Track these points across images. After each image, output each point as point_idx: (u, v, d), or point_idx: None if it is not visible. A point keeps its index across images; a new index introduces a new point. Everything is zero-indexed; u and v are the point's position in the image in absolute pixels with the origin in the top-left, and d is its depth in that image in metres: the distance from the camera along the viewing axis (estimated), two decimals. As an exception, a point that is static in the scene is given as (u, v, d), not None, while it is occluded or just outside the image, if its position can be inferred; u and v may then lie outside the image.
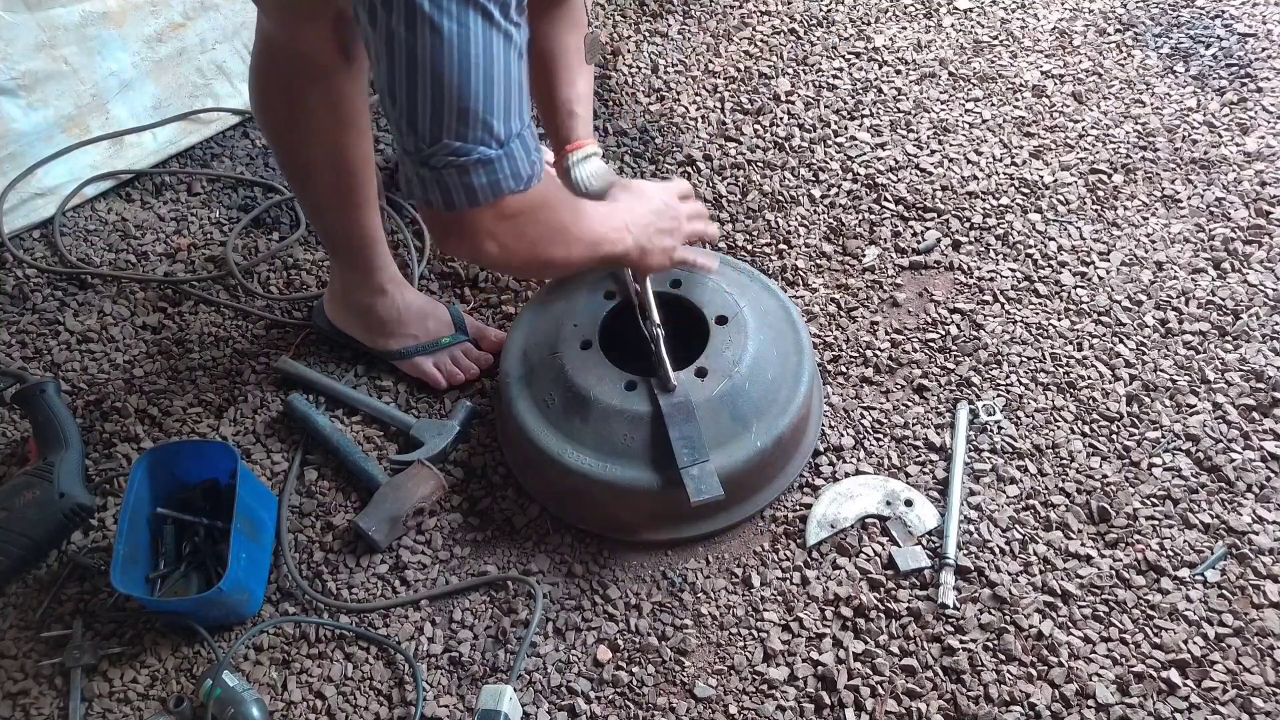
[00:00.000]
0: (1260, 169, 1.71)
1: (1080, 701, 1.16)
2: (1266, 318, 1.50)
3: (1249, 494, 1.32)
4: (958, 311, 1.56)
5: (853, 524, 1.33)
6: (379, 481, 1.39)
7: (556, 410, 1.33)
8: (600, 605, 1.29)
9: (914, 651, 1.21)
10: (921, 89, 1.93)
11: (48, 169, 1.80)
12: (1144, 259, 1.60)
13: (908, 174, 1.77)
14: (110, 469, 1.46)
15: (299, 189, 1.43)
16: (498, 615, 1.28)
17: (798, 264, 1.65)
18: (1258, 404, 1.40)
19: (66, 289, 1.71)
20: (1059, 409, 1.43)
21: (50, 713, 1.23)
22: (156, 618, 1.30)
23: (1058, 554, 1.28)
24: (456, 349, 1.54)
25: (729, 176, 1.80)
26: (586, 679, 1.23)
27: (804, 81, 1.97)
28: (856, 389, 1.48)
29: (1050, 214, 1.69)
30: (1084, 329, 1.52)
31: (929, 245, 1.66)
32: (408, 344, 1.52)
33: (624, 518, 1.33)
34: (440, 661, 1.25)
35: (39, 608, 1.32)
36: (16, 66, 1.69)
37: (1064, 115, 1.85)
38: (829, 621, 1.25)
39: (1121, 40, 1.99)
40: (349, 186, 1.36)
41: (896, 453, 1.40)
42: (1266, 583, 1.23)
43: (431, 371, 1.52)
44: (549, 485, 1.37)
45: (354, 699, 1.23)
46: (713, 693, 1.21)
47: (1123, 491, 1.33)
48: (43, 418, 1.42)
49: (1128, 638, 1.21)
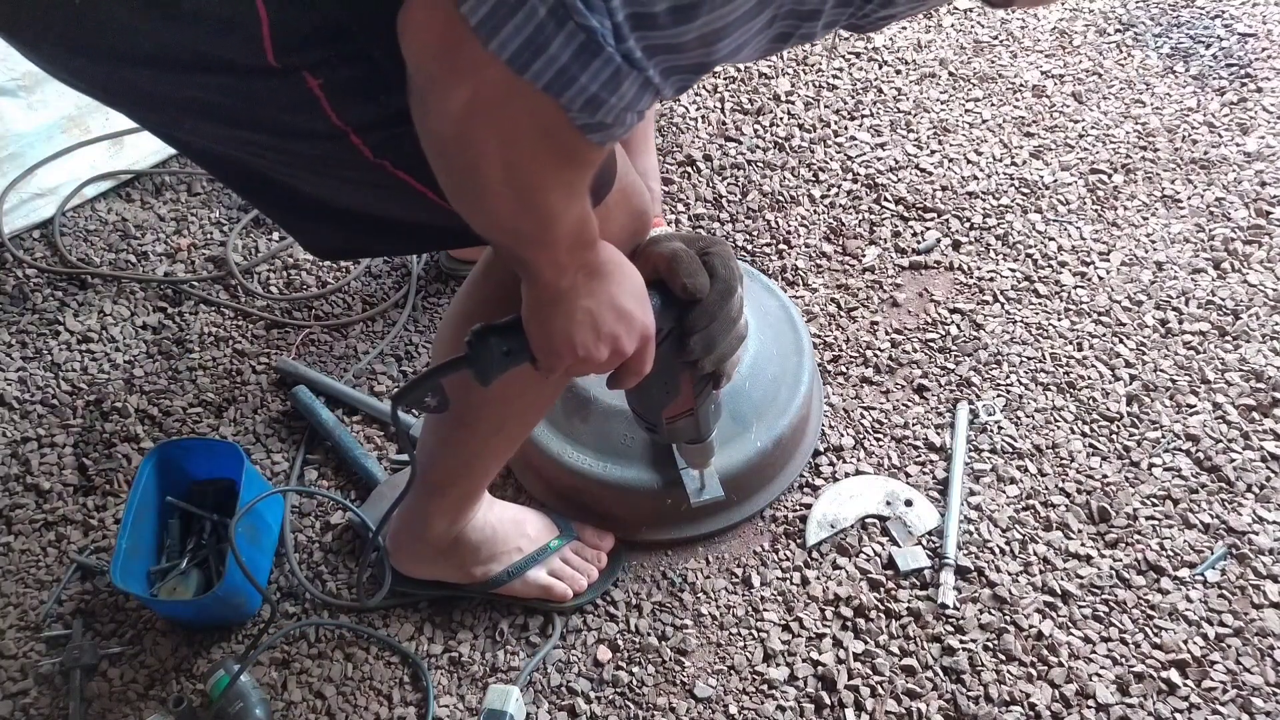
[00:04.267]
0: (1260, 169, 1.71)
1: (1080, 701, 1.16)
2: (1266, 318, 1.50)
3: (1249, 494, 1.32)
4: (958, 311, 1.56)
5: (853, 524, 1.33)
6: (379, 479, 1.39)
7: (556, 410, 1.33)
8: (600, 605, 1.29)
9: (914, 651, 1.21)
10: (921, 89, 1.93)
11: (48, 169, 1.80)
12: (1144, 259, 1.60)
13: (908, 174, 1.77)
14: (110, 469, 1.46)
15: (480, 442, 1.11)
16: (496, 616, 1.28)
17: (798, 264, 1.65)
18: (1258, 404, 1.40)
19: (66, 289, 1.71)
20: (1059, 409, 1.43)
21: (50, 713, 1.23)
22: (157, 618, 1.30)
23: (1058, 554, 1.28)
24: (567, 549, 1.29)
25: (729, 176, 1.80)
26: (586, 679, 1.23)
27: (804, 81, 1.97)
28: (856, 389, 1.48)
29: (1050, 214, 1.69)
30: (1084, 329, 1.52)
31: (929, 245, 1.66)
32: (515, 560, 1.26)
33: (624, 518, 1.33)
34: (440, 661, 1.25)
35: (39, 608, 1.32)
36: (17, 68, 1.68)
37: (1064, 115, 1.85)
38: (829, 621, 1.25)
39: (1121, 40, 1.99)
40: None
41: (896, 453, 1.41)
42: (1266, 583, 1.23)
43: (551, 583, 1.26)
44: (549, 485, 1.37)
45: (354, 699, 1.23)
46: (713, 693, 1.21)
47: (1123, 491, 1.33)
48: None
49: (1128, 638, 1.21)
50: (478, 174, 0.69)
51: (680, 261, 0.98)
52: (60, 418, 1.52)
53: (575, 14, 0.56)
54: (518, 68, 0.59)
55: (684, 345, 1.01)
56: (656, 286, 0.98)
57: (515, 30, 0.58)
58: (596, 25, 0.57)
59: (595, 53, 0.58)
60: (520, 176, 0.69)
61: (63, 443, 1.49)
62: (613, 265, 0.86)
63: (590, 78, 0.60)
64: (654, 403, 1.13)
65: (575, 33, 0.57)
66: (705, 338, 1.01)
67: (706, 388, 1.11)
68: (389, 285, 1.67)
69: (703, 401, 1.13)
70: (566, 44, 0.58)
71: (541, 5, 0.56)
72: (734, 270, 1.02)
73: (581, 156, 0.69)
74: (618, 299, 0.86)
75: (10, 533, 1.40)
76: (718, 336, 1.01)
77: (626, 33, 0.58)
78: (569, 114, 0.62)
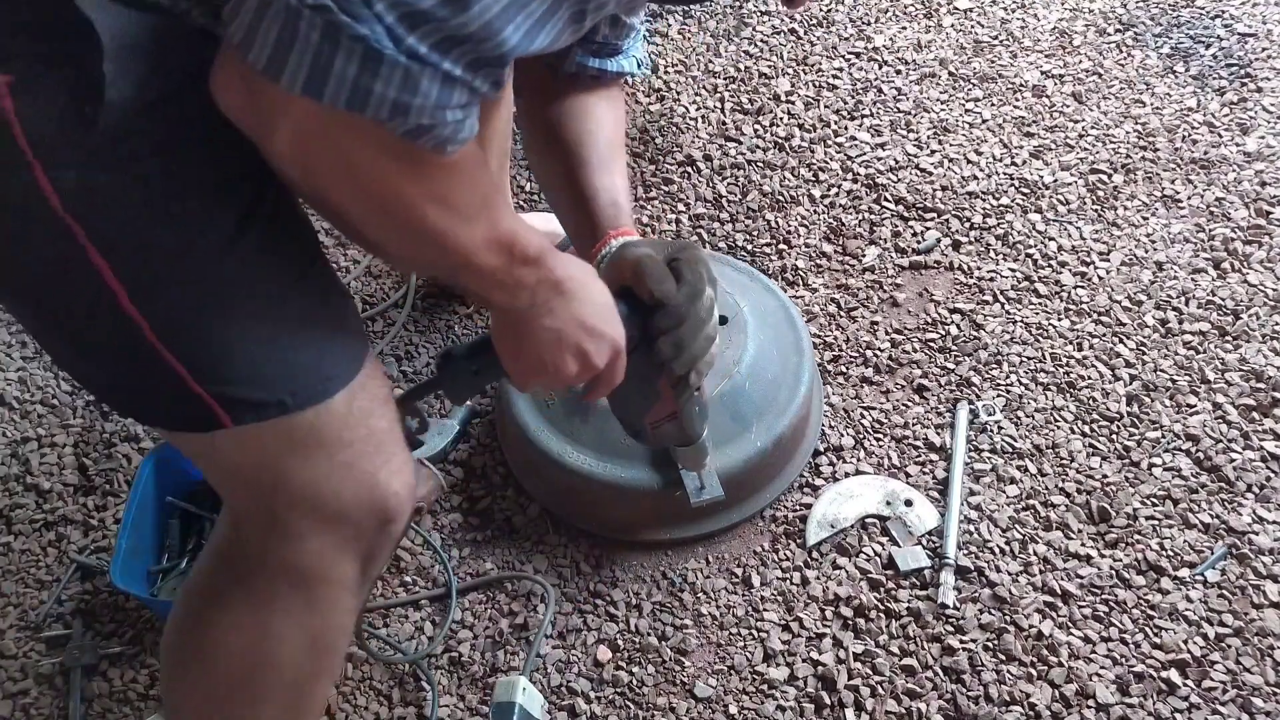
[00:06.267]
0: (1260, 169, 1.71)
1: (1080, 701, 1.16)
2: (1266, 318, 1.50)
3: (1249, 494, 1.32)
4: (958, 311, 1.56)
5: (853, 524, 1.33)
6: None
7: (556, 410, 1.33)
8: (600, 605, 1.29)
9: (914, 651, 1.21)
10: (921, 89, 1.93)
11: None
12: (1144, 259, 1.60)
13: (908, 174, 1.77)
14: (110, 469, 1.46)
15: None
16: (496, 616, 1.29)
17: (798, 264, 1.65)
18: (1258, 404, 1.40)
19: (66, 289, 1.71)
20: (1059, 409, 1.43)
21: (50, 713, 1.23)
22: (157, 618, 1.30)
23: (1058, 554, 1.28)
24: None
25: (729, 176, 1.80)
26: (586, 679, 1.23)
27: (804, 81, 1.97)
28: (856, 389, 1.48)
29: (1050, 214, 1.69)
30: (1084, 329, 1.52)
31: (929, 245, 1.66)
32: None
33: (624, 518, 1.33)
34: (440, 661, 1.25)
35: (39, 608, 1.32)
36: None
37: (1064, 115, 1.85)
38: (829, 621, 1.25)
39: (1121, 40, 1.99)
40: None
41: (896, 453, 1.41)
42: (1266, 583, 1.23)
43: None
44: (549, 485, 1.37)
45: (354, 699, 1.23)
46: (713, 693, 1.21)
47: (1123, 491, 1.33)
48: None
49: (1128, 638, 1.21)
50: (340, 209, 0.70)
51: (646, 268, 0.99)
52: (60, 418, 1.52)
53: (345, 30, 0.58)
54: (314, 95, 0.60)
55: (653, 349, 1.02)
56: (624, 295, 0.99)
57: (298, 62, 0.59)
58: (368, 33, 0.58)
59: (378, 59, 0.59)
60: (378, 200, 0.69)
61: (63, 443, 1.49)
62: (575, 283, 0.86)
63: (384, 85, 0.60)
64: (635, 409, 1.13)
65: (352, 47, 0.58)
66: (674, 340, 1.01)
67: (687, 390, 1.11)
68: (388, 285, 1.67)
69: (684, 404, 1.13)
70: (348, 60, 0.59)
71: (313, 31, 0.58)
72: (701, 274, 1.03)
73: (426, 165, 0.67)
74: (582, 316, 0.87)
75: (10, 533, 1.40)
76: (687, 338, 1.01)
77: (403, 33, 0.59)
78: (386, 125, 0.62)
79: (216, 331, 0.75)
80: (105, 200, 0.68)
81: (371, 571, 0.90)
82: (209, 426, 0.77)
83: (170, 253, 0.72)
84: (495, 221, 0.76)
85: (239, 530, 0.87)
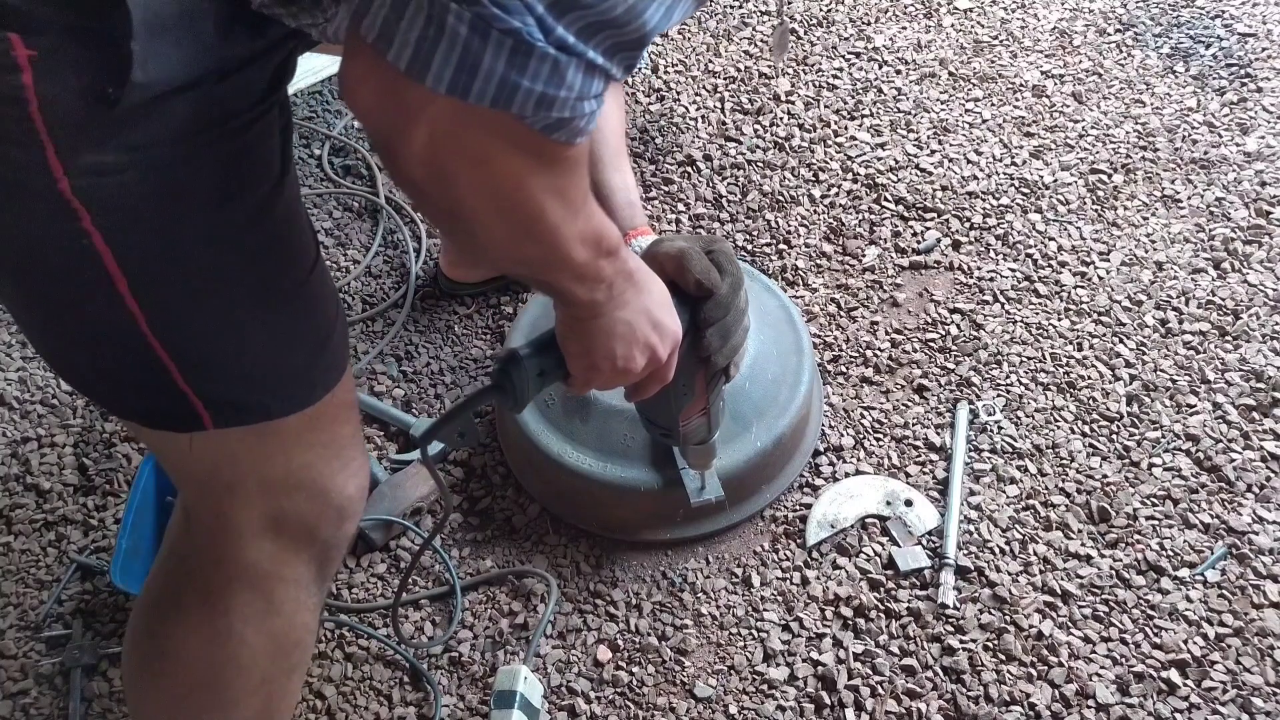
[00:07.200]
0: (1260, 169, 1.71)
1: (1080, 701, 1.16)
2: (1266, 318, 1.50)
3: (1249, 494, 1.32)
4: (958, 311, 1.56)
5: (853, 524, 1.33)
6: (379, 479, 1.39)
7: (556, 410, 1.33)
8: (600, 605, 1.29)
9: (914, 651, 1.21)
10: (921, 89, 1.93)
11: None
12: (1144, 259, 1.60)
13: (908, 174, 1.77)
14: (110, 469, 1.46)
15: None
16: (496, 615, 1.29)
17: (798, 264, 1.65)
18: (1258, 404, 1.41)
19: (66, 289, 1.71)
20: (1059, 409, 1.43)
21: (50, 713, 1.23)
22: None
23: (1058, 554, 1.28)
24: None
25: (729, 176, 1.80)
26: (586, 679, 1.23)
27: (804, 81, 1.97)
28: (856, 389, 1.48)
29: (1050, 214, 1.69)
30: (1084, 329, 1.52)
31: (929, 245, 1.66)
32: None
33: (624, 518, 1.33)
34: (440, 661, 1.25)
35: (39, 608, 1.32)
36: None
37: (1064, 115, 1.85)
38: (829, 621, 1.25)
39: (1121, 40, 1.99)
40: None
41: (896, 453, 1.41)
42: (1266, 583, 1.23)
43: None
44: (549, 485, 1.37)
45: (354, 699, 1.23)
46: (713, 693, 1.21)
47: (1123, 491, 1.33)
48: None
49: (1128, 638, 1.21)
50: (464, 207, 0.67)
51: (690, 259, 0.98)
52: (60, 418, 1.52)
53: (495, 22, 0.55)
54: (460, 94, 0.58)
55: (700, 340, 1.02)
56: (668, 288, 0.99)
57: (444, 60, 0.56)
58: (519, 25, 0.56)
59: (528, 53, 0.57)
60: (504, 196, 0.67)
61: (63, 443, 1.49)
62: (644, 274, 0.85)
63: (532, 79, 0.58)
64: (673, 406, 1.12)
65: (502, 41, 0.56)
66: (721, 330, 1.02)
67: (718, 384, 1.11)
68: (388, 285, 1.67)
69: (715, 398, 1.13)
70: (497, 54, 0.56)
71: (461, 25, 0.55)
72: (738, 264, 1.05)
73: (554, 159, 0.66)
74: (649, 307, 0.86)
75: (10, 533, 1.40)
76: (732, 328, 1.03)
77: (552, 23, 0.57)
78: (526, 120, 0.61)
79: (213, 331, 0.74)
80: (116, 186, 0.66)
81: (329, 570, 0.90)
82: (189, 427, 0.76)
83: (176, 246, 0.70)
84: (591, 214, 0.75)
85: (191, 530, 0.85)
